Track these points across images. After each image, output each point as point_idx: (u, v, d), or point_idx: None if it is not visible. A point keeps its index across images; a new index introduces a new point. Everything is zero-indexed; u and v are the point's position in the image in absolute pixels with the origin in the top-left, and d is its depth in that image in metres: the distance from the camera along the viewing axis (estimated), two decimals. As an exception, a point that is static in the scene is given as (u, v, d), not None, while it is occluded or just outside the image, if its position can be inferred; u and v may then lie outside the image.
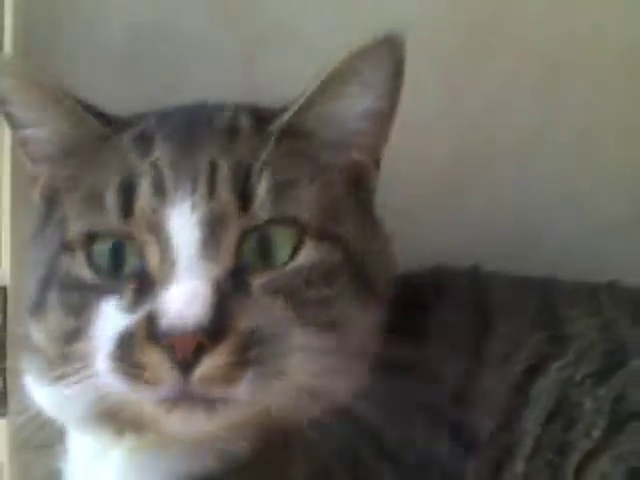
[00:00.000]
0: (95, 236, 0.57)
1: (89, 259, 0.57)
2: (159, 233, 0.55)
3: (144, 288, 0.55)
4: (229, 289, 0.54)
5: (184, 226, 0.54)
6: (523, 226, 0.84)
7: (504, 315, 0.65)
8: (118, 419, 0.57)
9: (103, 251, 0.57)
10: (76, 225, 0.58)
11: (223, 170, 0.56)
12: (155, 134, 0.59)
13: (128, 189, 0.56)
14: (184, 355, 0.51)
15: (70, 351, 0.57)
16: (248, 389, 0.52)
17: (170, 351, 0.51)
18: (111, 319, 0.55)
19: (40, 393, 0.62)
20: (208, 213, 0.55)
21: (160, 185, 0.56)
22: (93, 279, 0.57)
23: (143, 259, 0.56)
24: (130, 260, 0.56)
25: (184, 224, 0.54)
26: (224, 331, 0.52)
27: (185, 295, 0.52)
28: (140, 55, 0.80)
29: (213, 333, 0.51)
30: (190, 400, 0.52)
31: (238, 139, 0.59)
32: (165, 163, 0.57)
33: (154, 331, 0.52)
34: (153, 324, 0.52)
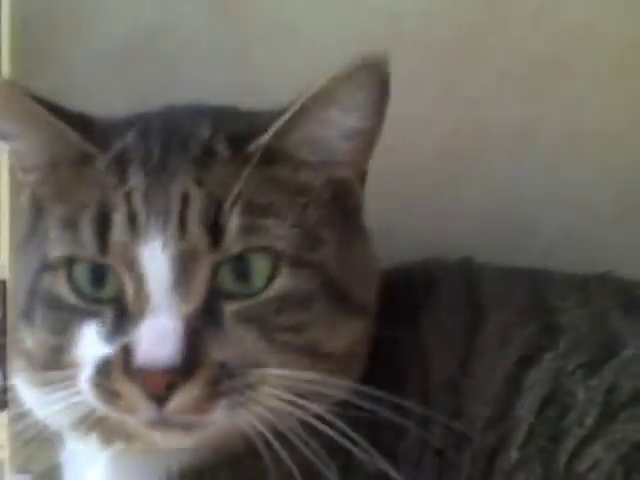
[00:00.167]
0: (75, 259, 0.58)
1: (70, 281, 0.58)
2: (133, 268, 0.55)
3: (122, 317, 0.56)
4: (201, 323, 0.54)
5: (156, 263, 0.55)
6: (517, 217, 0.84)
7: (496, 306, 0.66)
8: (104, 428, 0.59)
9: (84, 275, 0.58)
10: (56, 247, 0.58)
11: (195, 204, 0.56)
12: (131, 159, 0.58)
13: (103, 222, 0.56)
14: (156, 391, 0.53)
15: (57, 361, 0.58)
16: (222, 415, 0.54)
17: (144, 386, 0.53)
18: (92, 343, 0.56)
19: (29, 395, 0.63)
20: (179, 251, 0.55)
21: (133, 220, 0.56)
22: (74, 301, 0.58)
23: (120, 290, 0.56)
24: (110, 284, 0.57)
25: (156, 261, 0.55)
26: (195, 366, 0.53)
27: (156, 333, 0.53)
28: (138, 54, 0.81)
29: (184, 369, 0.52)
30: (168, 424, 0.54)
31: (212, 167, 0.58)
32: (138, 196, 0.56)
33: (129, 365, 0.53)
34: (128, 357, 0.53)
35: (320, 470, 0.55)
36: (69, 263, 0.58)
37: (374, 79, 0.58)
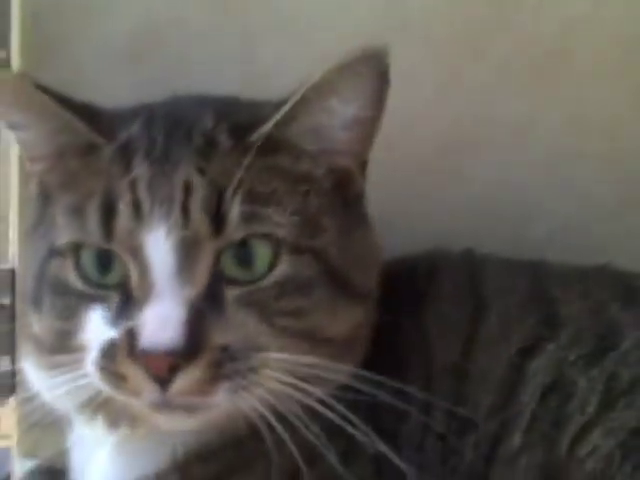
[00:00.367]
0: (82, 245, 0.59)
1: (77, 267, 0.59)
2: (137, 255, 0.56)
3: (127, 302, 0.57)
4: (204, 307, 0.56)
5: (160, 250, 0.56)
6: (518, 209, 0.85)
7: (498, 298, 0.67)
8: (110, 411, 0.60)
9: (90, 260, 0.59)
10: (64, 233, 0.59)
11: (197, 192, 0.57)
12: (136, 149, 0.60)
13: (108, 208, 0.57)
14: (159, 373, 0.54)
15: (64, 346, 0.59)
16: (225, 397, 0.55)
17: (147, 368, 0.54)
18: (98, 327, 0.57)
19: (37, 378, 0.64)
20: (182, 238, 0.56)
21: (137, 208, 0.57)
22: (81, 287, 0.59)
23: (126, 275, 0.57)
24: (116, 270, 0.58)
25: (160, 248, 0.56)
26: (198, 349, 0.54)
27: (160, 317, 0.55)
28: (146, 49, 0.81)
29: (187, 352, 0.54)
30: (171, 406, 0.56)
31: (214, 156, 0.59)
32: (142, 185, 0.58)
33: (133, 348, 0.54)
34: (133, 340, 0.54)
35: (321, 453, 0.56)
36: (76, 249, 0.59)
37: (374, 70, 0.59)
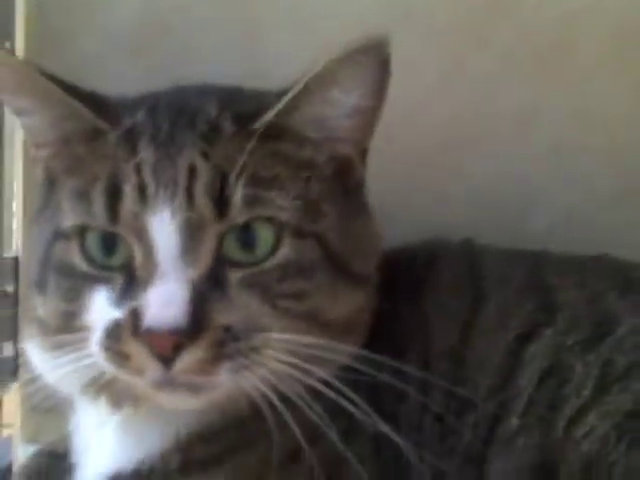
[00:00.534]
0: (87, 228, 0.60)
1: (82, 249, 0.60)
2: (142, 237, 0.57)
3: (131, 283, 0.58)
4: (207, 288, 0.56)
5: (164, 232, 0.57)
6: (519, 199, 0.85)
7: (497, 287, 0.68)
8: (113, 391, 0.61)
9: (95, 243, 0.60)
10: (69, 217, 0.60)
11: (201, 176, 0.58)
12: (141, 134, 0.60)
13: (114, 192, 0.58)
14: (163, 351, 0.55)
15: (69, 327, 0.60)
16: (227, 377, 0.56)
17: (151, 346, 0.55)
18: (102, 308, 0.58)
19: (41, 360, 0.64)
20: (186, 220, 0.57)
21: (142, 191, 0.58)
22: (86, 269, 0.60)
23: (130, 257, 0.58)
24: (120, 252, 0.59)
25: (164, 230, 0.57)
26: (201, 328, 0.55)
27: (164, 297, 0.55)
28: (150, 37, 0.82)
29: (190, 331, 0.55)
30: (174, 385, 0.56)
31: (218, 142, 0.60)
32: (148, 168, 0.58)
33: (138, 327, 0.55)
34: (137, 320, 0.55)
35: (322, 432, 0.57)
36: (81, 232, 0.60)
37: (375, 59, 0.60)
